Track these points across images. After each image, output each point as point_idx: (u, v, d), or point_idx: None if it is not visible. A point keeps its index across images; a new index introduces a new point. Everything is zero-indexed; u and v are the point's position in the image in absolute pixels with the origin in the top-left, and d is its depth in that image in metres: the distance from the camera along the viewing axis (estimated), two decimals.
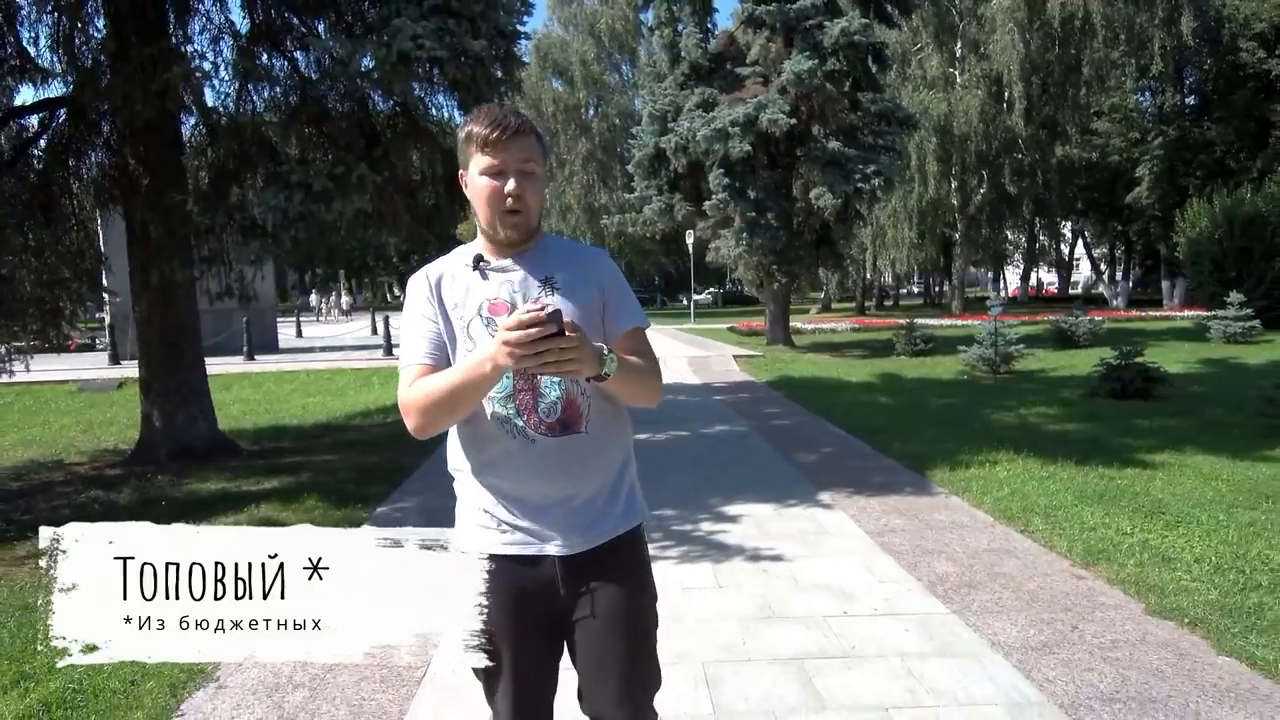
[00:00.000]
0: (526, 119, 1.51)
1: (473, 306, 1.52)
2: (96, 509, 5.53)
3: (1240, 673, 2.80)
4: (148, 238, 6.06)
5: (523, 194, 1.47)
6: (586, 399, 1.53)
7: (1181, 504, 4.70)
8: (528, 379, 1.49)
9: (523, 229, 1.51)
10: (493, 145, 1.45)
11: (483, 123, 1.47)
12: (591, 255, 1.64)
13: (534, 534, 1.52)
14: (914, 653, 2.98)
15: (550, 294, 1.53)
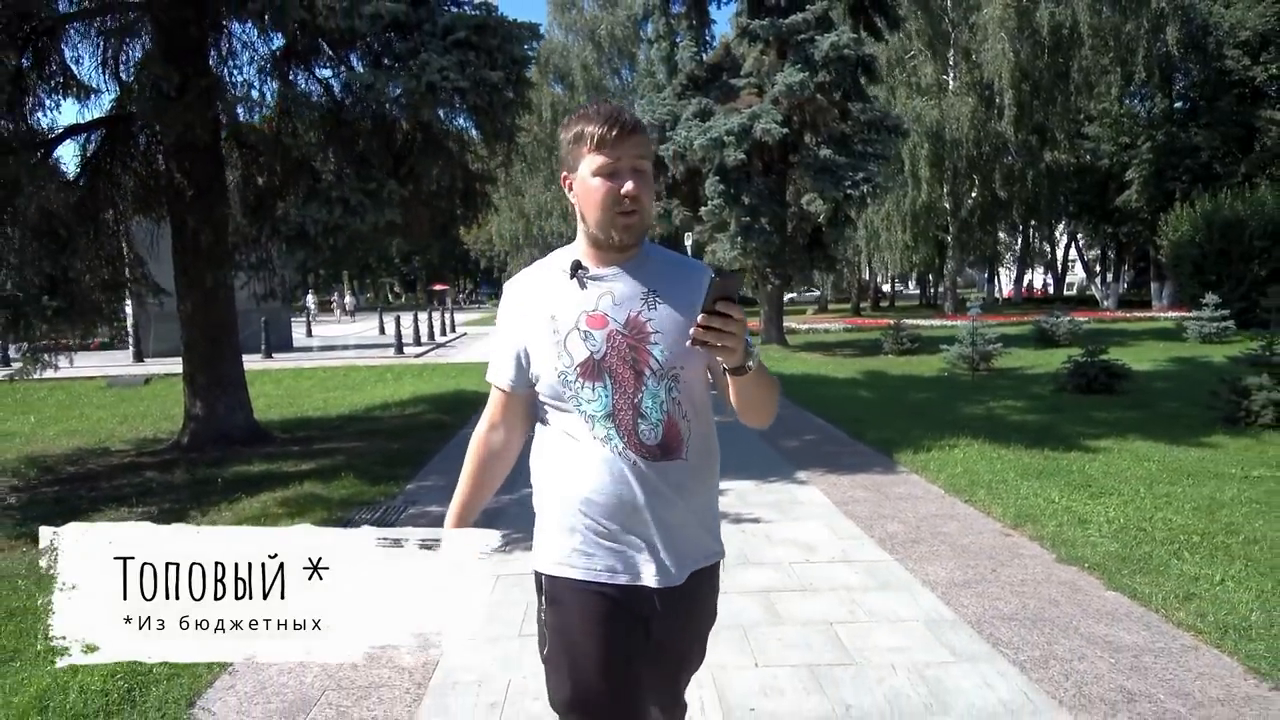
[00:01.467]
0: (638, 118, 1.47)
1: (570, 318, 1.46)
2: (155, 488, 6.23)
3: (1121, 602, 3.49)
4: (197, 245, 6.75)
5: (639, 194, 1.43)
6: (687, 423, 1.47)
7: (1110, 480, 5.40)
8: (630, 398, 1.44)
9: (637, 230, 1.46)
10: (609, 144, 1.41)
11: (597, 121, 1.42)
12: (697, 269, 1.56)
13: (626, 562, 1.47)
14: (859, 587, 3.67)
15: (653, 308, 1.46)
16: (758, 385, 1.41)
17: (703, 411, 1.51)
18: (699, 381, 1.50)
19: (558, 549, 1.48)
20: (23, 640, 3.40)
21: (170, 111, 5.83)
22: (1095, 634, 3.16)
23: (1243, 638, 3.07)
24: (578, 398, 1.45)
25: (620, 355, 1.44)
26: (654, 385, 1.44)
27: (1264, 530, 4.31)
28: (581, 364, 1.44)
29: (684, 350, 1.42)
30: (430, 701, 2.78)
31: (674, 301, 1.46)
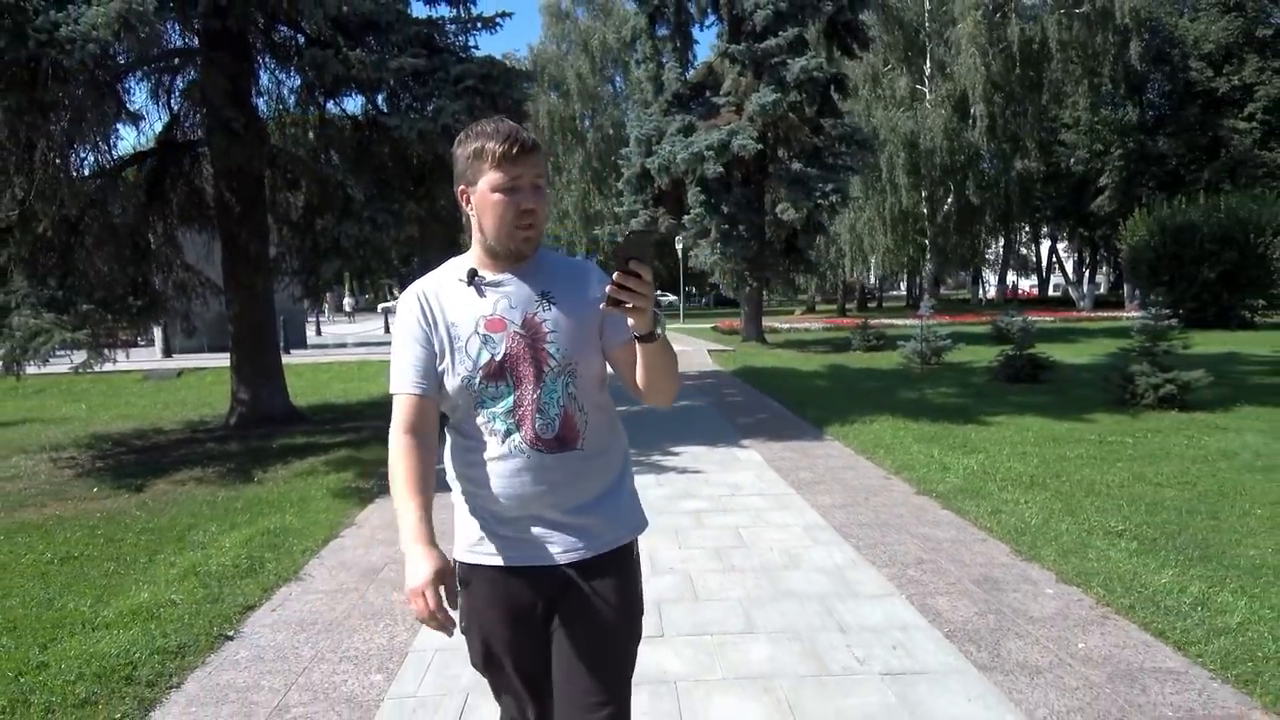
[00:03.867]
0: (533, 136, 1.52)
1: (469, 324, 1.52)
2: (217, 455, 7.56)
3: (946, 515, 4.86)
4: (246, 254, 8.10)
5: (537, 208, 1.49)
6: (584, 415, 1.55)
7: (986, 443, 6.78)
8: (531, 395, 1.52)
9: (535, 242, 1.52)
10: (509, 161, 1.45)
11: (497, 139, 1.46)
12: (584, 268, 1.63)
13: (531, 546, 1.55)
14: (764, 509, 5.03)
15: (548, 309, 1.54)
16: (663, 354, 1.47)
17: (600, 404, 1.60)
18: (595, 376, 1.59)
19: (467, 538, 1.59)
20: (161, 540, 4.75)
21: (235, 145, 7.18)
22: (918, 532, 4.53)
23: (1020, 534, 4.43)
24: (481, 397, 1.52)
25: (520, 355, 1.51)
26: (552, 382, 1.52)
27: (1085, 476, 5.68)
28: (484, 366, 1.51)
29: (579, 347, 1.54)
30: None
31: (567, 301, 1.55)
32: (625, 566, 1.63)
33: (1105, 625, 3.29)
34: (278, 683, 2.96)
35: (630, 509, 1.66)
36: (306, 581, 4.02)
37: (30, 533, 5.07)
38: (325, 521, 5.00)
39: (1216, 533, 4.43)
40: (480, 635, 1.61)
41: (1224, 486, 5.39)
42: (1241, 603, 3.43)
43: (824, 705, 2.67)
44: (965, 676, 2.86)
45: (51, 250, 7.48)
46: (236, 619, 3.53)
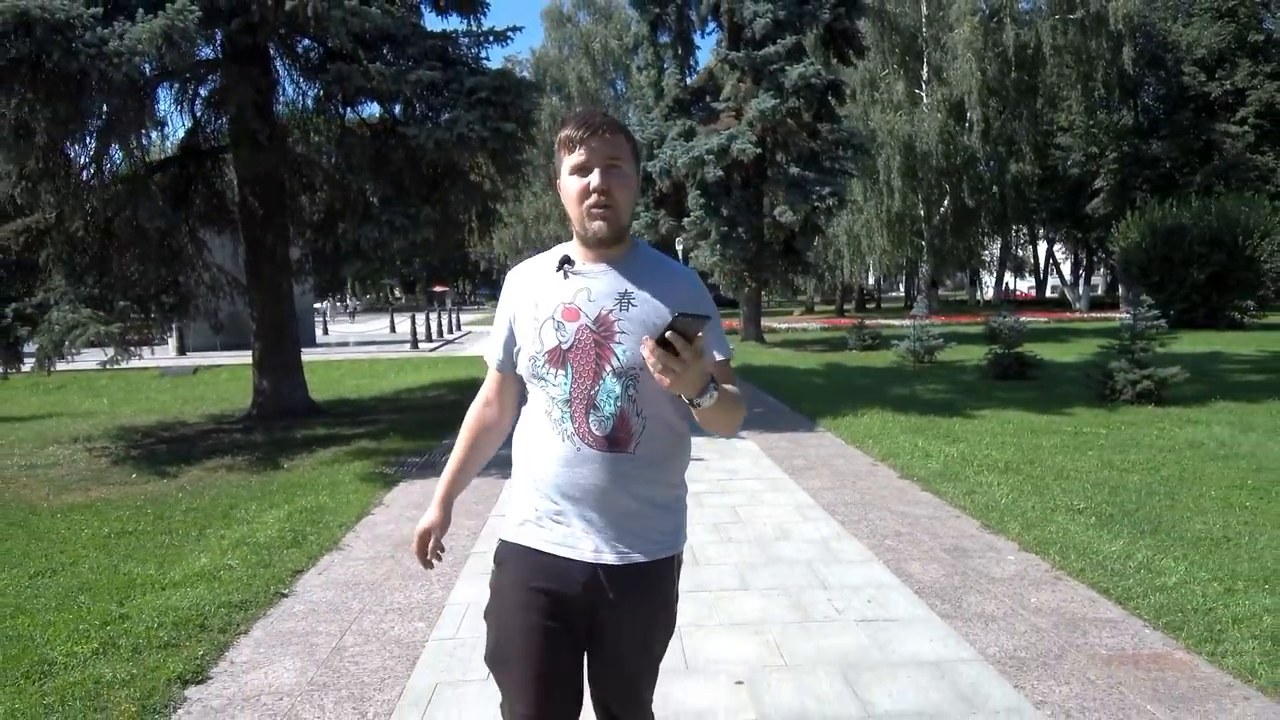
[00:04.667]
0: (616, 120, 1.53)
1: (549, 308, 1.55)
2: (243, 444, 7.99)
3: (925, 496, 5.30)
4: (272, 256, 8.54)
5: (609, 188, 1.48)
6: (641, 420, 1.53)
7: (968, 433, 7.22)
8: (586, 389, 1.51)
9: (612, 224, 1.51)
10: (580, 143, 1.48)
11: (571, 125, 1.50)
12: (679, 274, 1.61)
13: (569, 537, 1.54)
14: (759, 490, 5.48)
15: (626, 309, 1.52)
16: (714, 412, 1.45)
17: (663, 415, 1.55)
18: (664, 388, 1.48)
19: (515, 518, 1.61)
20: (207, 517, 5.18)
21: (260, 155, 7.62)
22: (899, 510, 4.97)
23: (990, 511, 4.87)
24: (545, 381, 1.54)
25: (584, 349, 1.52)
26: (611, 382, 1.51)
27: (1057, 462, 6.12)
28: (549, 351, 1.53)
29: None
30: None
31: (647, 305, 1.52)
32: (663, 581, 1.59)
33: (1057, 585, 3.73)
34: (333, 629, 3.40)
35: (677, 523, 1.63)
36: (346, 551, 4.46)
37: (82, 512, 5.51)
38: (356, 501, 5.44)
39: (1171, 511, 4.87)
40: (498, 622, 1.59)
41: (1185, 472, 5.83)
42: (1181, 567, 3.86)
43: (806, 644, 3.11)
44: (929, 623, 3.30)
45: (87, 250, 7.93)
46: (289, 580, 3.98)
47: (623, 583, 1.54)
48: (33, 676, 3.00)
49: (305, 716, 2.70)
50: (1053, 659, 2.99)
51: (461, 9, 9.69)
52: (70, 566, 4.29)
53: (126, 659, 3.11)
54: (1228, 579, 3.71)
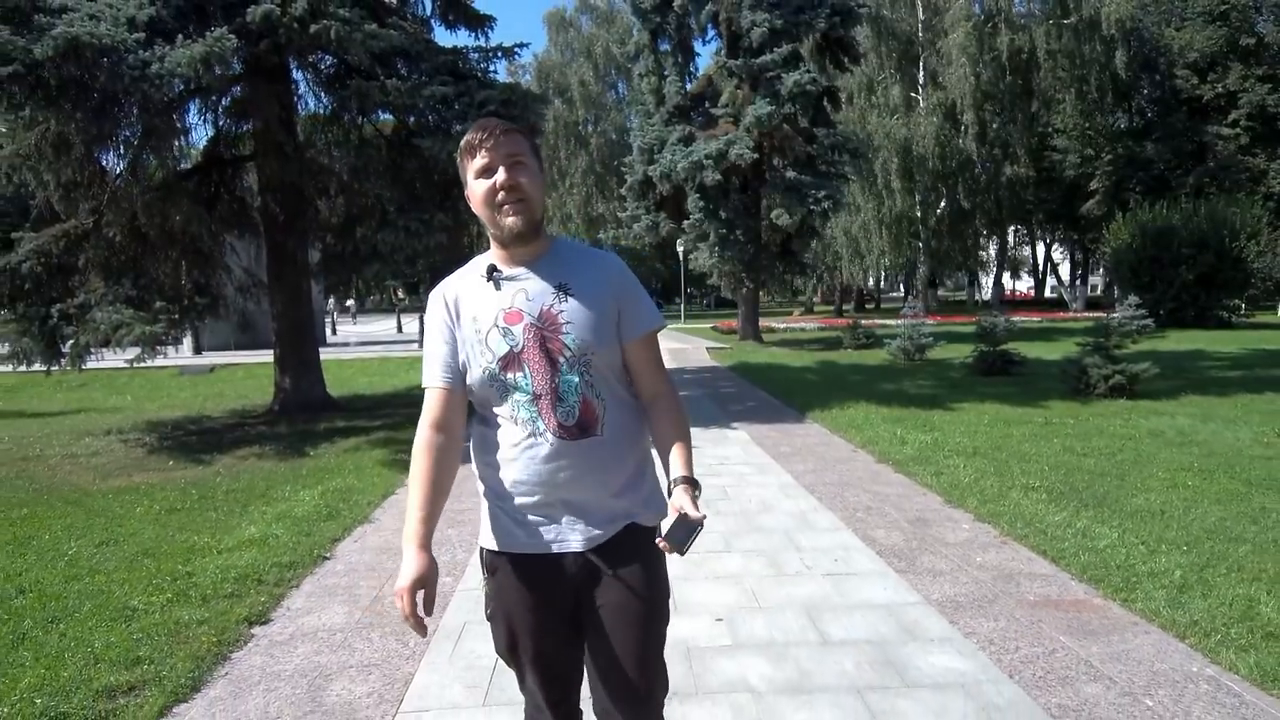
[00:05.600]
0: (512, 124, 1.58)
1: (489, 317, 1.58)
2: (268, 435, 8.53)
3: (898, 478, 5.82)
4: (294, 259, 9.08)
5: (516, 181, 1.52)
6: (601, 403, 1.59)
7: (945, 424, 7.75)
8: (548, 383, 1.56)
9: (526, 216, 1.54)
10: (480, 146, 1.53)
11: (470, 133, 1.56)
12: (602, 259, 1.67)
13: (556, 533, 1.60)
14: (747, 473, 6.00)
15: (564, 300, 1.58)
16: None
17: (619, 395, 1.63)
18: (612, 366, 1.63)
19: (495, 527, 1.64)
20: (247, 496, 5.72)
21: (284, 165, 8.17)
22: (872, 489, 5.50)
23: (953, 489, 5.39)
24: (503, 388, 1.57)
25: (536, 346, 1.56)
26: (568, 371, 1.56)
27: (1022, 449, 6.64)
28: (503, 358, 1.56)
29: (595, 338, 1.58)
30: None
31: (585, 293, 1.59)
32: (648, 549, 1.64)
33: (1002, 548, 4.26)
34: (372, 583, 3.94)
35: (653, 495, 1.69)
36: (376, 523, 5.00)
37: (131, 493, 6.05)
38: (381, 483, 5.98)
39: (1118, 489, 5.39)
40: (505, 622, 1.66)
41: (1140, 457, 6.35)
42: (1114, 534, 4.39)
43: (778, 592, 3.64)
44: (885, 577, 3.83)
45: (123, 254, 8.48)
46: (328, 546, 4.52)
47: (615, 557, 1.61)
48: (120, 619, 3.54)
49: (357, 646, 3.24)
50: (986, 603, 3.52)
51: (469, 24, 10.26)
52: (131, 537, 4.83)
53: (198, 606, 3.65)
54: (1154, 543, 4.24)
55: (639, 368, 1.67)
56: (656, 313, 1.69)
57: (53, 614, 3.64)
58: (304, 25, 7.34)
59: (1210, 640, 3.12)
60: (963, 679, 2.84)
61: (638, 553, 1.64)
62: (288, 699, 2.84)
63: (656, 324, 1.67)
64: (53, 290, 8.22)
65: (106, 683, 2.94)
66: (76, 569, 4.27)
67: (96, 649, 3.23)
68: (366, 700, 2.81)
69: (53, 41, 6.23)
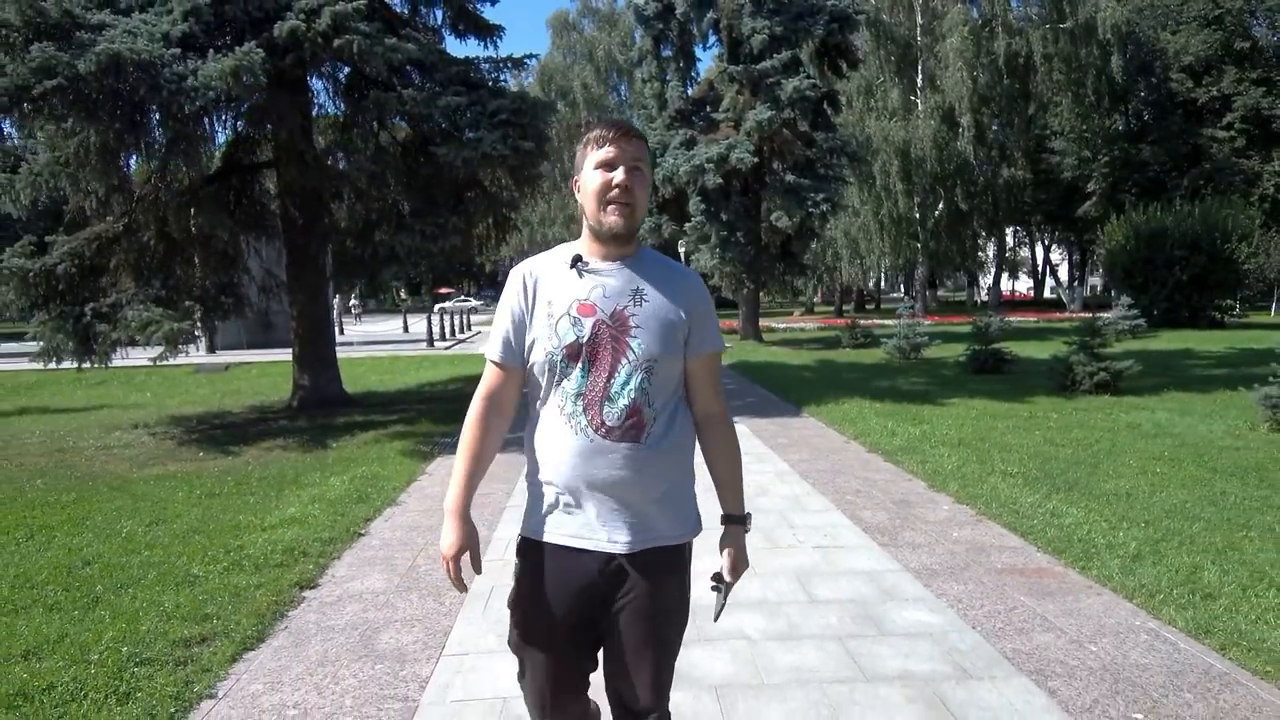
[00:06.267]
0: (640, 130, 1.68)
1: (564, 304, 1.62)
2: (290, 429, 8.94)
3: (888, 466, 6.23)
4: (316, 261, 9.50)
5: (631, 185, 1.59)
6: (652, 411, 1.61)
7: (935, 417, 8.16)
8: (603, 381, 1.59)
9: (629, 219, 1.60)
10: (609, 141, 1.60)
11: (602, 126, 1.63)
12: (684, 275, 1.72)
13: (590, 530, 1.62)
14: (747, 463, 6.32)
15: (639, 304, 1.62)
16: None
17: (673, 406, 1.66)
18: (673, 378, 1.66)
19: (533, 515, 1.69)
20: (280, 483, 6.14)
21: (305, 173, 8.60)
22: (862, 475, 5.92)
23: (936, 475, 5.81)
24: (559, 376, 1.61)
25: (602, 342, 1.59)
26: (626, 374, 1.59)
27: (1005, 440, 7.06)
28: (568, 346, 1.59)
29: (661, 346, 1.60)
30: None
31: (658, 301, 1.62)
32: (679, 566, 1.70)
33: (977, 525, 4.67)
34: (406, 555, 4.36)
35: (689, 510, 1.73)
36: (403, 505, 5.43)
37: (169, 480, 6.47)
38: (404, 470, 6.40)
39: (1091, 475, 5.80)
40: (525, 612, 1.70)
41: (1115, 448, 6.77)
42: (1080, 513, 4.80)
43: (772, 561, 4.06)
44: (869, 550, 4.25)
45: (152, 256, 8.90)
46: (362, 524, 4.94)
47: (639, 569, 1.63)
48: (184, 584, 3.96)
49: (399, 605, 3.66)
50: (959, 570, 3.94)
51: (479, 33, 10.68)
52: (178, 518, 5.25)
53: (252, 573, 4.07)
54: (1116, 521, 4.65)
55: (697, 384, 1.73)
56: (720, 336, 1.77)
57: (120, 581, 4.05)
58: (328, 40, 7.77)
59: (1154, 600, 3.54)
60: (931, 629, 3.26)
61: (667, 567, 1.67)
62: (343, 646, 3.26)
63: (720, 346, 1.75)
64: (85, 290, 8.63)
65: (181, 635, 3.36)
66: (134, 544, 4.68)
67: (167, 608, 3.65)
68: (413, 646, 3.23)
69: (95, 57, 6.65)
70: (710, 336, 1.72)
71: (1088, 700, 2.71)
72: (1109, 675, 2.88)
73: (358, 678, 2.99)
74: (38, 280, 8.23)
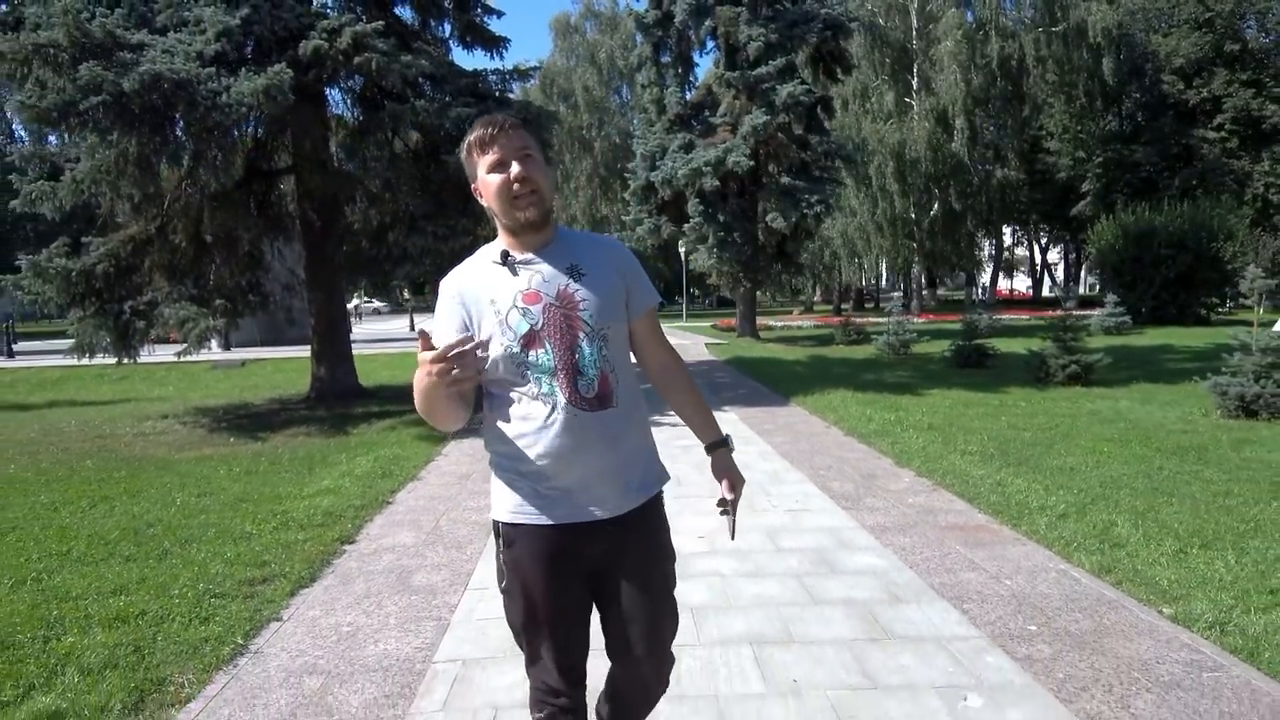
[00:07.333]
0: (516, 119, 1.66)
1: (507, 299, 1.66)
2: (311, 418, 9.58)
3: (862, 447, 6.86)
4: (333, 262, 10.15)
5: (529, 174, 1.61)
6: (615, 375, 1.70)
7: (912, 405, 8.79)
8: (569, 358, 1.65)
9: (539, 205, 1.64)
10: (493, 142, 1.62)
11: (479, 127, 1.64)
12: (608, 242, 1.81)
13: (574, 503, 1.69)
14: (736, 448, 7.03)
15: (577, 280, 1.68)
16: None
17: (626, 365, 1.76)
18: (623, 340, 1.77)
19: (510, 500, 1.72)
20: (310, 462, 6.78)
21: (327, 178, 9.25)
22: (836, 454, 6.55)
23: (903, 453, 6.43)
24: (524, 365, 1.65)
25: (555, 324, 1.66)
26: (587, 346, 1.67)
27: (972, 424, 7.68)
28: (524, 336, 1.65)
29: (609, 314, 1.71)
30: None
31: (596, 273, 1.71)
32: (656, 516, 1.81)
33: (932, 494, 5.30)
34: (429, 518, 5.00)
35: (655, 463, 1.85)
36: (423, 480, 6.07)
37: (208, 461, 7.12)
38: (421, 452, 7.04)
39: (1043, 454, 6.42)
40: (522, 592, 1.74)
41: (1072, 431, 7.38)
42: (1024, 483, 5.43)
43: (749, 521, 4.69)
44: (834, 513, 4.88)
45: (183, 257, 9.55)
46: (388, 495, 5.58)
47: (632, 527, 1.73)
48: (240, 540, 4.60)
49: (428, 554, 4.30)
50: (907, 526, 4.57)
51: (486, 45, 11.33)
52: (223, 490, 5.89)
53: (298, 531, 4.72)
54: (1053, 489, 5.27)
55: (646, 339, 1.84)
56: (655, 291, 1.88)
57: (183, 538, 4.70)
58: (348, 57, 8.41)
59: (1069, 548, 4.16)
60: (875, 569, 3.89)
61: (650, 521, 1.79)
62: (383, 584, 3.90)
63: (656, 300, 1.87)
64: (121, 289, 9.29)
65: (245, 576, 4.00)
66: (188, 510, 5.33)
67: (229, 557, 4.29)
68: (442, 583, 3.87)
69: (140, 76, 7.30)
70: (647, 294, 1.82)
71: (993, 617, 3.33)
72: (1015, 600, 3.51)
73: (398, 605, 3.63)
74: (79, 280, 8.89)
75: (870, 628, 3.24)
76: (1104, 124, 35.21)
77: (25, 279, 8.67)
